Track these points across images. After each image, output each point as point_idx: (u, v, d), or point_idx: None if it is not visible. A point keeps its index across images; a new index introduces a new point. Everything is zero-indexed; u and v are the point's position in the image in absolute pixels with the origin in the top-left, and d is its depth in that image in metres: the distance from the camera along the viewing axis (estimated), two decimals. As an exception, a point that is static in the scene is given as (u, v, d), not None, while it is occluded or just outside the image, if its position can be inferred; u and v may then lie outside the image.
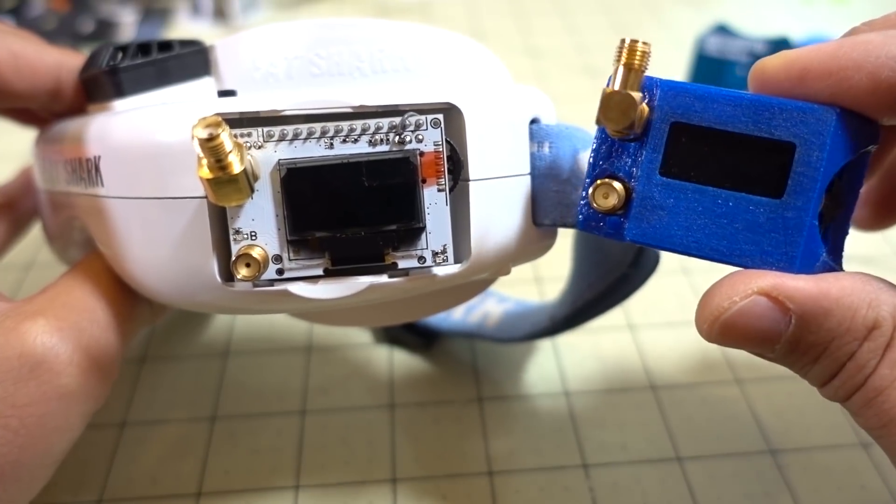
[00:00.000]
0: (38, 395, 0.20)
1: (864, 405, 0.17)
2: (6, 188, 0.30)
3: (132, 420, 0.29)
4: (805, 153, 0.17)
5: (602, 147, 0.19)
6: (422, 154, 0.19)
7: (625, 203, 0.19)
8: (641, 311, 0.33)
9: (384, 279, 0.20)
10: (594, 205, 0.19)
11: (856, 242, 0.22)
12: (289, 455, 0.28)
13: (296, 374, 0.31)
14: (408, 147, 0.19)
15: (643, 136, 0.19)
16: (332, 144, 0.19)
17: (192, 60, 0.22)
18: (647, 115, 0.19)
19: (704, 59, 0.47)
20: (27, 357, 0.20)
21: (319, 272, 0.19)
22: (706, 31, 0.48)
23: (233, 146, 0.17)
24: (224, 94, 0.22)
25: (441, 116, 0.19)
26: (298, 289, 0.19)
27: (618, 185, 0.19)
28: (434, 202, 0.19)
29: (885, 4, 0.64)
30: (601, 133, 0.19)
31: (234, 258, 0.19)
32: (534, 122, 0.22)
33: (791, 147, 0.17)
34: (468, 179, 0.20)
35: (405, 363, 0.31)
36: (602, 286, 0.25)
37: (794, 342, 0.17)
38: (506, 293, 0.32)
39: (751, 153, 0.18)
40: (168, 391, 0.31)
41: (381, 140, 0.19)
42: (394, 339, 0.32)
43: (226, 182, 0.17)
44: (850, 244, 0.20)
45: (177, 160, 0.19)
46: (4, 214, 0.29)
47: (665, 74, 0.19)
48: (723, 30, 0.48)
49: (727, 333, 0.18)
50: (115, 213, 0.20)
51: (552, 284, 0.35)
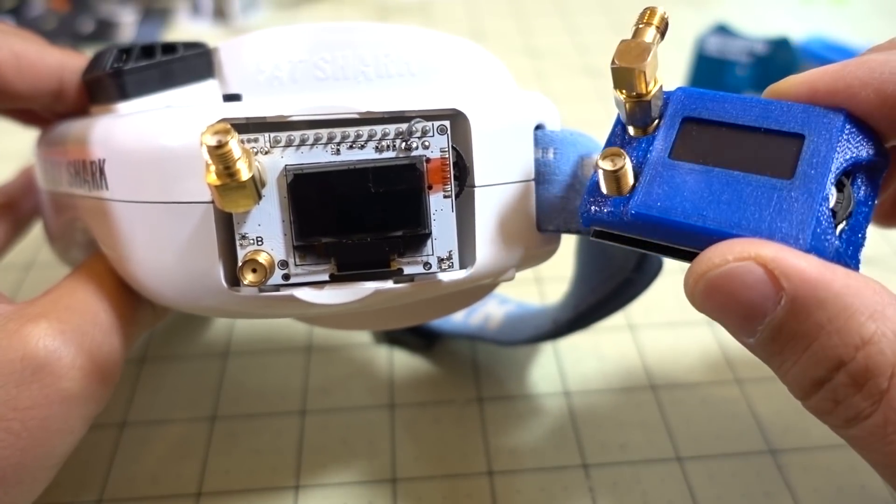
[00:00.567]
0: (41, 398, 0.20)
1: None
2: (7, 188, 0.30)
3: (132, 420, 0.29)
4: (814, 142, 0.18)
5: (615, 134, 0.20)
6: (428, 160, 0.19)
7: (631, 188, 0.19)
8: (641, 311, 0.33)
9: (389, 285, 0.20)
10: (601, 170, 0.18)
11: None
12: (289, 455, 0.28)
13: (296, 375, 0.31)
14: (414, 153, 0.19)
15: (655, 131, 0.19)
16: (339, 150, 0.19)
17: (196, 63, 0.22)
18: (660, 110, 0.19)
19: (704, 59, 0.47)
20: (30, 360, 0.20)
21: (325, 277, 0.19)
22: (706, 31, 0.48)
23: (241, 153, 0.17)
24: (229, 98, 0.22)
25: (447, 123, 0.19)
26: (304, 294, 0.19)
27: (626, 162, 0.19)
28: (440, 208, 0.19)
29: (886, 4, 0.64)
30: (616, 123, 0.20)
31: (241, 264, 0.19)
32: (538, 128, 0.22)
33: (800, 137, 0.18)
34: (474, 185, 0.20)
35: (405, 363, 0.31)
36: (605, 290, 0.25)
37: (778, 328, 0.16)
38: (507, 294, 0.32)
39: (760, 141, 0.18)
40: (169, 391, 0.31)
41: (388, 146, 0.19)
42: (395, 340, 0.32)
43: (234, 188, 0.17)
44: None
45: (182, 165, 0.19)
46: (5, 214, 0.28)
47: (665, 74, 0.19)
48: (723, 30, 0.48)
49: (710, 295, 0.16)
50: (120, 217, 0.20)
51: (553, 285, 0.35)
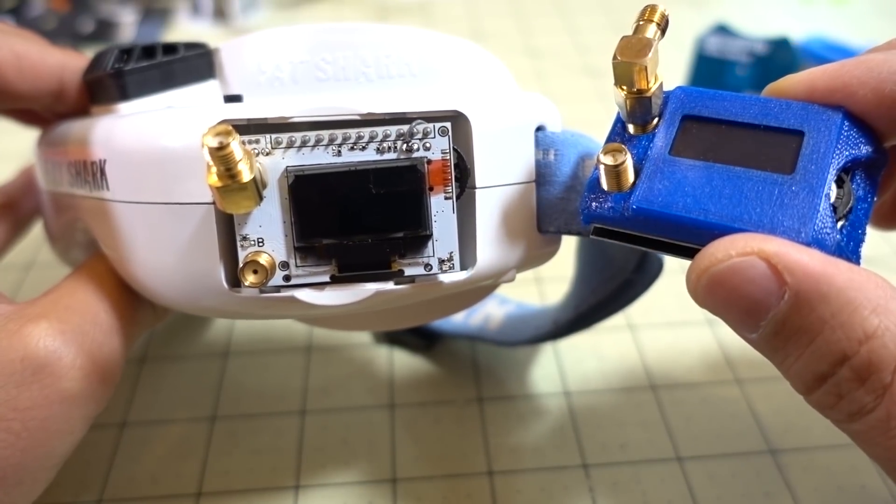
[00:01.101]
0: (41, 399, 0.20)
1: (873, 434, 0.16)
2: (7, 188, 0.30)
3: (133, 420, 0.29)
4: (814, 139, 0.18)
5: (615, 132, 0.20)
6: (429, 162, 0.19)
7: (632, 185, 0.19)
8: (641, 311, 0.33)
9: (390, 286, 0.20)
10: (602, 165, 0.18)
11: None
12: (289, 455, 0.28)
13: (296, 375, 0.31)
14: (415, 155, 0.19)
15: (654, 129, 0.19)
16: (340, 152, 0.19)
17: (197, 63, 0.22)
18: (660, 108, 0.19)
19: (704, 59, 0.47)
20: (30, 360, 0.20)
21: (326, 279, 0.19)
22: (706, 31, 0.48)
23: (242, 154, 0.17)
24: (230, 99, 0.22)
25: (449, 124, 0.19)
26: (305, 295, 0.19)
27: (627, 157, 0.19)
28: (441, 210, 0.19)
29: (886, 4, 0.64)
30: (616, 122, 0.20)
31: (242, 265, 0.19)
32: (539, 130, 0.22)
33: (800, 133, 0.18)
34: (474, 187, 0.20)
35: (406, 363, 0.31)
36: (606, 291, 0.25)
37: (782, 323, 0.16)
38: (507, 295, 0.32)
39: (760, 138, 0.18)
40: (169, 391, 0.31)
41: (389, 147, 0.19)
42: (395, 340, 0.32)
43: (235, 190, 0.17)
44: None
45: (183, 165, 0.19)
46: (5, 214, 0.28)
47: (665, 74, 0.19)
48: (723, 30, 0.48)
49: (713, 290, 0.16)
50: (121, 217, 0.20)
51: (553, 284, 0.35)
